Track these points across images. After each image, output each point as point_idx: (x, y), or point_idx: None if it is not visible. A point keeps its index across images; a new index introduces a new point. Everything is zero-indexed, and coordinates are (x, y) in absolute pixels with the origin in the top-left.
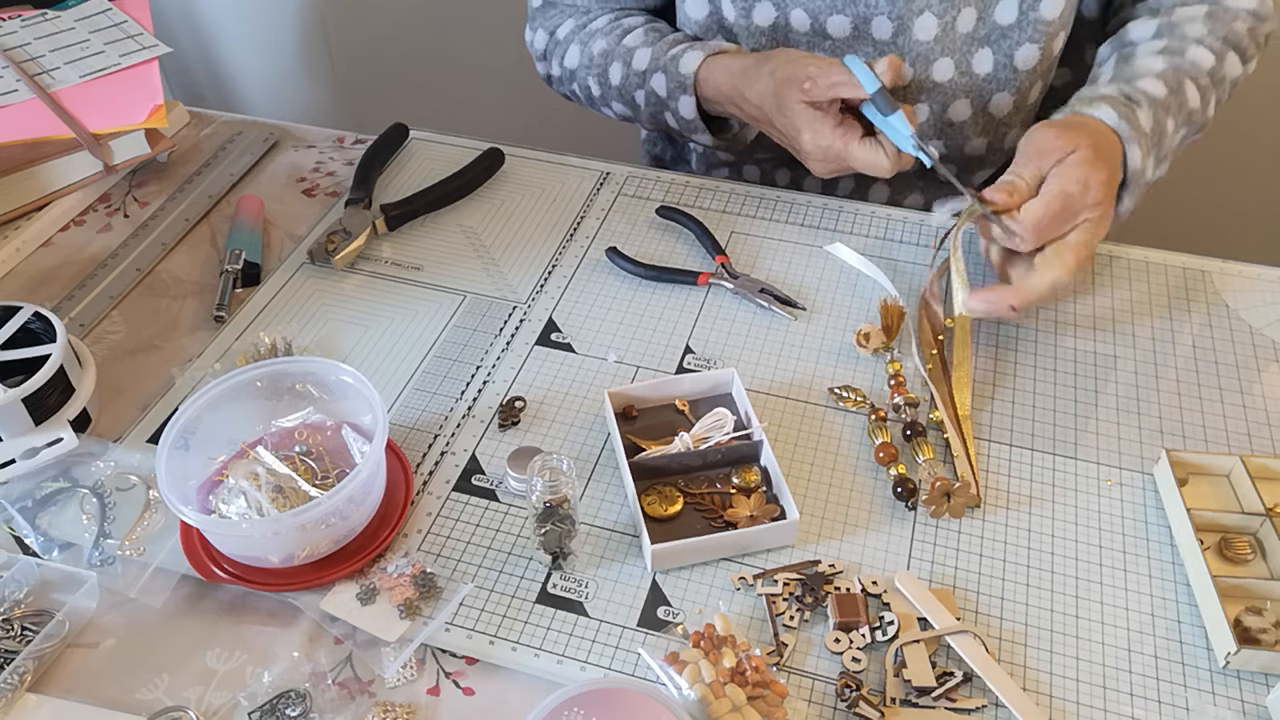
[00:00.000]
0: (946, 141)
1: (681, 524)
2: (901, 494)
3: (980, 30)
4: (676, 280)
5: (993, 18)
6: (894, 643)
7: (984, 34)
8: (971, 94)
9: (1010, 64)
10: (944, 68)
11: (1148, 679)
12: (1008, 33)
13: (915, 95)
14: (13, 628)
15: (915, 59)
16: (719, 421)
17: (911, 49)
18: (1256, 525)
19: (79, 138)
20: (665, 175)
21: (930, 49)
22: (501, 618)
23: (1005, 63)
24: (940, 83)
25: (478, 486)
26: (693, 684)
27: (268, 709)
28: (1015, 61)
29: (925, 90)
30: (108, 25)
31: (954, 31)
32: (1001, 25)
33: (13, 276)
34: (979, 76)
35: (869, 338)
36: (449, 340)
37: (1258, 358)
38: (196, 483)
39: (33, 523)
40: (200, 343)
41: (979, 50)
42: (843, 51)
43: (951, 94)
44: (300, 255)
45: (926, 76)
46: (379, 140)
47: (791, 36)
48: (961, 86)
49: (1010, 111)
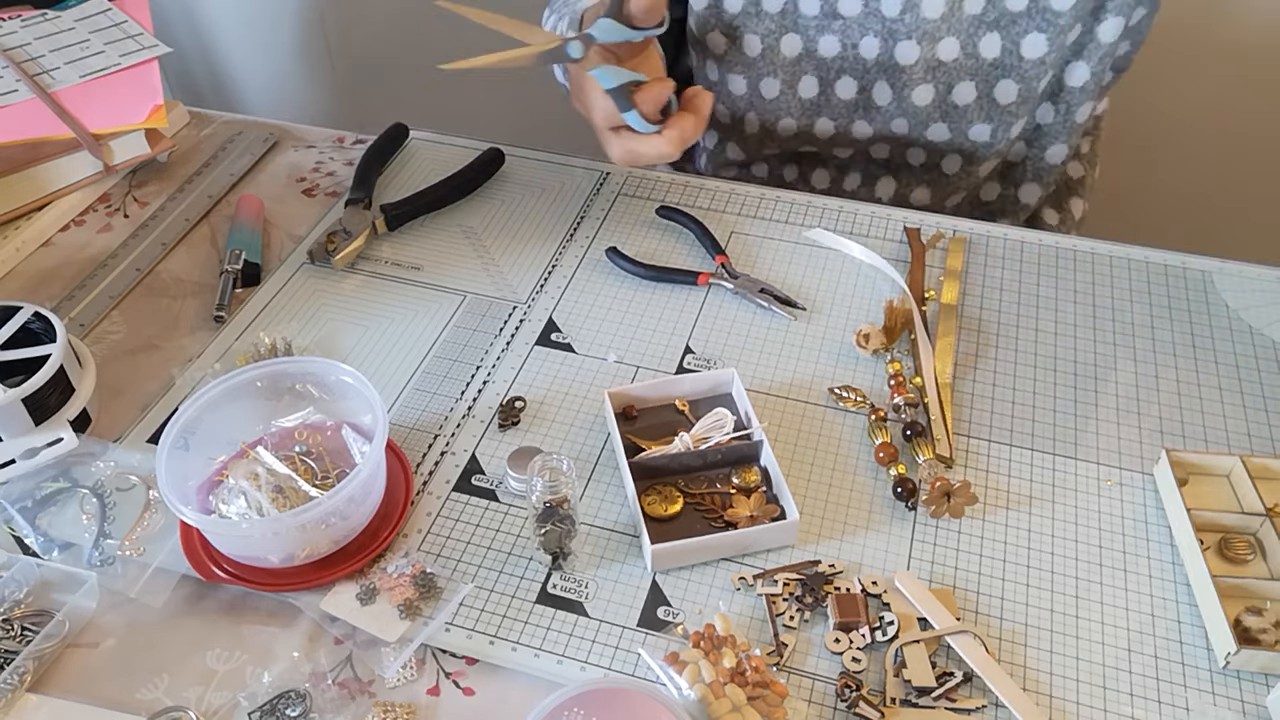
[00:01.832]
0: (950, 125)
1: (681, 524)
2: (901, 494)
3: (989, 14)
4: (676, 280)
5: (1002, 3)
6: (894, 643)
7: (993, 18)
8: (977, 77)
9: (1017, 51)
10: (949, 47)
11: (1148, 679)
12: (1017, 19)
13: (921, 74)
14: (13, 628)
15: (922, 36)
16: (719, 421)
17: (919, 26)
18: (1256, 525)
19: (79, 138)
20: (665, 175)
21: (937, 27)
22: (501, 618)
23: (1012, 49)
24: (945, 62)
25: (478, 486)
26: (693, 684)
27: (268, 709)
28: (1022, 49)
29: (930, 69)
30: (108, 25)
31: (961, 12)
32: (1011, 11)
33: (13, 276)
34: (985, 60)
35: (869, 338)
36: (449, 340)
37: (1258, 358)
38: (196, 483)
39: (33, 523)
40: (200, 343)
41: (987, 34)
42: (854, 31)
43: (956, 74)
44: (300, 255)
45: (932, 55)
46: (379, 140)
47: (801, 21)
48: (967, 69)
49: (1016, 101)
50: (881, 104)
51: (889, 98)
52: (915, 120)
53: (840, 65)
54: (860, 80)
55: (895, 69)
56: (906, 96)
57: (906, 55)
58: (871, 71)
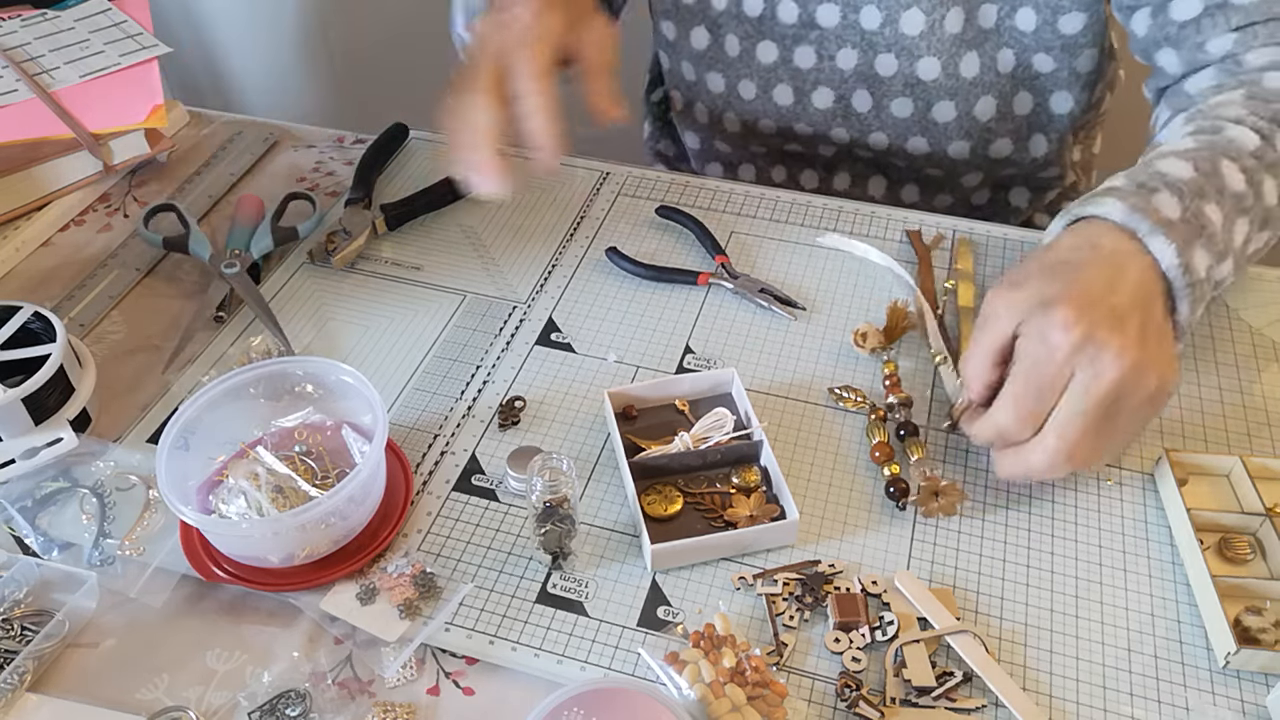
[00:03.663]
0: (929, 141)
1: (681, 524)
2: (894, 494)
3: (968, 33)
4: (676, 280)
5: (977, 21)
6: (894, 643)
7: (970, 36)
8: (956, 96)
9: (994, 68)
10: (929, 66)
11: (1148, 679)
12: (989, 36)
13: (900, 88)
14: (13, 628)
15: (900, 52)
16: (719, 421)
17: (898, 41)
18: (1256, 525)
19: (79, 138)
20: (665, 175)
21: (915, 44)
22: (501, 618)
23: (989, 66)
24: (925, 81)
25: (478, 486)
26: (693, 684)
27: (268, 709)
28: (998, 65)
29: (910, 86)
30: (108, 25)
31: (941, 30)
32: (984, 29)
33: (13, 276)
34: (965, 80)
35: (866, 337)
36: (449, 340)
37: (1258, 358)
38: (196, 483)
39: (33, 523)
40: (200, 343)
41: (966, 53)
42: (830, 43)
43: (936, 94)
44: (300, 255)
45: (911, 72)
46: (379, 140)
47: (778, 28)
48: (946, 88)
49: (994, 118)
50: (861, 111)
51: (868, 105)
52: (895, 134)
53: (816, 77)
54: (838, 90)
55: (875, 79)
56: (886, 107)
57: (886, 67)
58: (850, 81)
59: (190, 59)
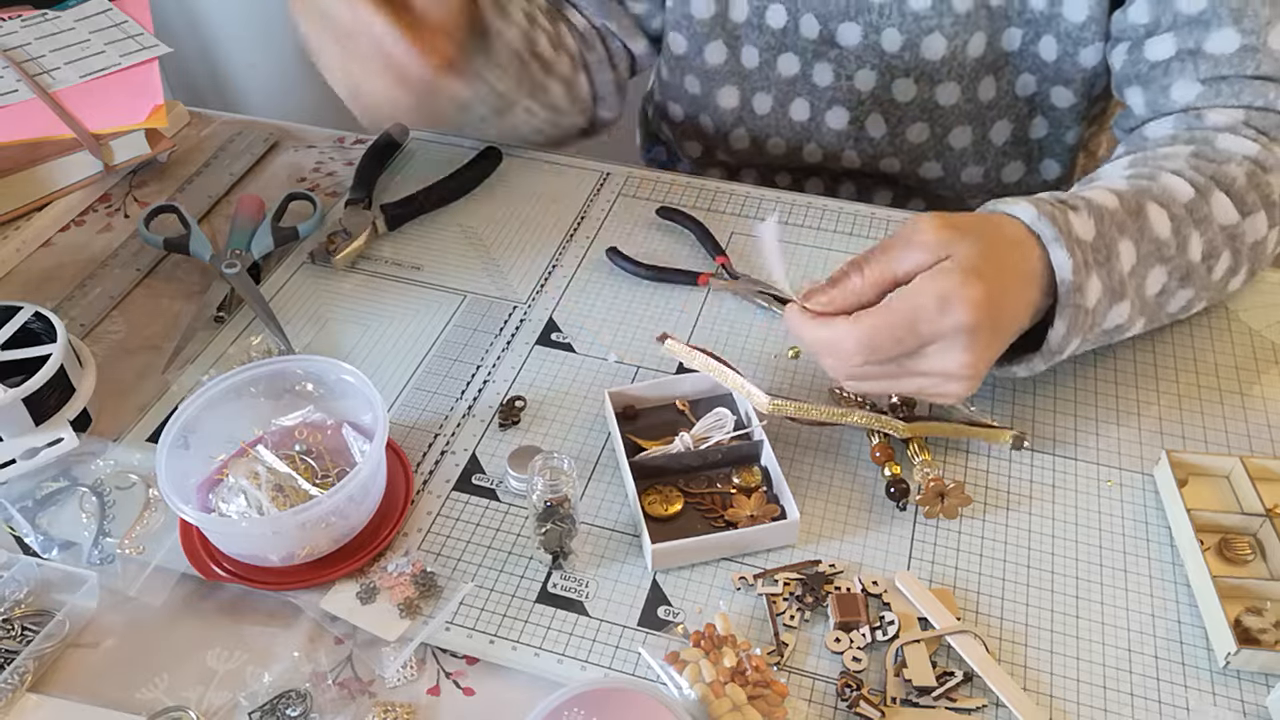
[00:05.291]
0: (944, 166)
1: (682, 524)
2: (894, 494)
3: (989, 56)
4: (676, 280)
5: (1000, 45)
6: (894, 643)
7: (991, 60)
8: (974, 121)
9: (1012, 91)
10: (949, 91)
11: (1148, 679)
12: (1010, 59)
13: (915, 114)
14: (13, 628)
15: (919, 77)
16: (719, 421)
17: (917, 65)
18: (1256, 526)
19: (79, 138)
20: (665, 176)
21: (936, 69)
22: (501, 617)
23: (1007, 90)
24: (944, 106)
25: (478, 486)
26: (693, 684)
27: (268, 709)
28: (1016, 89)
29: (927, 111)
30: (108, 25)
31: (964, 55)
32: (1007, 53)
33: (13, 276)
34: (982, 103)
35: None
36: (449, 340)
37: (1258, 359)
38: (196, 481)
39: (33, 522)
40: (200, 343)
41: (985, 76)
42: (850, 62)
43: (954, 118)
44: (300, 255)
45: (930, 98)
46: (379, 140)
47: (800, 42)
48: (965, 112)
49: (1009, 142)
50: (875, 136)
51: (883, 131)
52: (908, 159)
53: (833, 95)
54: (853, 111)
55: (891, 104)
56: (901, 133)
57: (904, 93)
58: (866, 103)
59: (190, 59)
